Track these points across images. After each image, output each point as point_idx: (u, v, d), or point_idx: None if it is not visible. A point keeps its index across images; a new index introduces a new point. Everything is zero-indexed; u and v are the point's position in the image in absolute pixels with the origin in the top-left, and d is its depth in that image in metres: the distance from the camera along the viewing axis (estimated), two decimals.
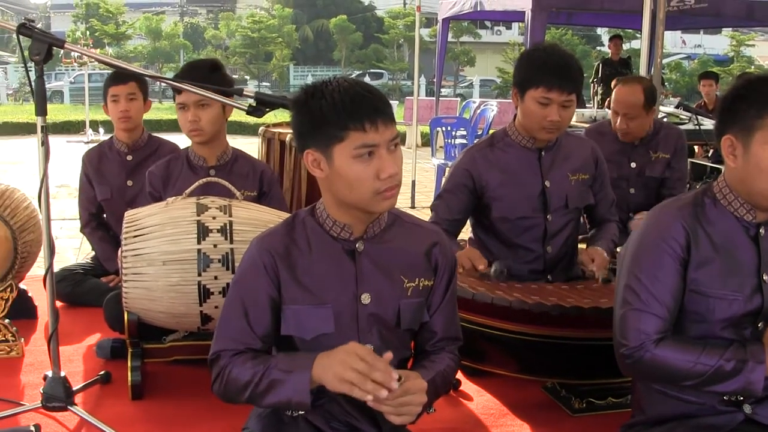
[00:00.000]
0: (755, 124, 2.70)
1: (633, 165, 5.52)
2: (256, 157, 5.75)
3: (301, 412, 2.59)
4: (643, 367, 2.82)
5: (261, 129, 6.60)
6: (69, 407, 3.65)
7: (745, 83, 2.82)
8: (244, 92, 3.48)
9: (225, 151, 4.51)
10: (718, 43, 57.46)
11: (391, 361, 2.37)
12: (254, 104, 3.41)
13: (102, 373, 4.25)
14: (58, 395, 3.63)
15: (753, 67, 42.96)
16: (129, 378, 4.03)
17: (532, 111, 4.03)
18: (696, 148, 10.15)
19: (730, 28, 41.99)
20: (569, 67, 3.99)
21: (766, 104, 2.69)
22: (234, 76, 45.51)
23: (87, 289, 5.46)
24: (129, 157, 5.61)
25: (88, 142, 16.64)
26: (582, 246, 4.53)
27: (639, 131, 5.47)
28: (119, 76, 5.45)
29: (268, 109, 3.41)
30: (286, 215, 3.67)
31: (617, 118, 5.42)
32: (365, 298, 2.60)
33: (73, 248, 7.81)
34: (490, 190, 4.21)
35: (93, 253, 5.86)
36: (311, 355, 2.43)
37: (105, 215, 5.69)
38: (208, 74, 4.19)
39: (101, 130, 18.32)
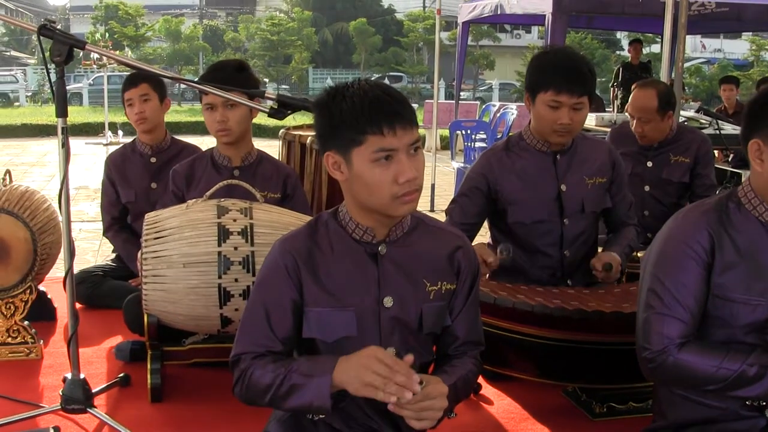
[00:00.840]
0: None
1: (649, 164, 5.49)
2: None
3: (322, 416, 2.57)
4: (666, 372, 2.82)
5: (281, 132, 6.59)
6: (88, 409, 3.64)
7: None
8: (266, 94, 3.47)
9: (250, 152, 4.51)
10: (737, 48, 57.35)
11: (412, 365, 2.35)
12: (276, 106, 3.39)
13: (121, 375, 4.24)
14: (78, 397, 3.63)
15: None
16: (148, 380, 4.03)
17: (543, 115, 4.03)
18: (716, 152, 10.10)
19: (750, 33, 41.85)
20: (578, 69, 3.98)
21: None
22: None
23: (106, 291, 5.45)
24: (153, 159, 5.60)
25: (107, 144, 16.73)
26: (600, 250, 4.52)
27: (655, 135, 5.43)
28: (131, 80, 5.47)
29: (289, 112, 3.40)
30: (307, 218, 3.66)
31: (633, 121, 5.40)
32: (387, 302, 2.59)
33: (92, 250, 7.83)
34: (505, 194, 4.20)
35: (113, 254, 5.87)
36: (332, 359, 2.42)
37: (128, 218, 5.67)
38: (234, 74, 4.20)
39: (120, 132, 18.39)
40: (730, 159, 9.18)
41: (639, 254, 4.48)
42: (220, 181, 4.08)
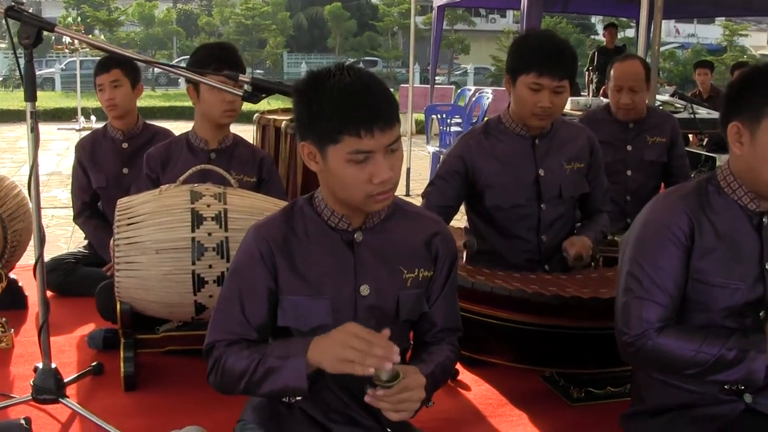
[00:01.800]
0: (763, 112, 2.70)
1: (629, 148, 5.48)
2: None
3: (297, 398, 2.52)
4: (645, 356, 2.82)
5: (256, 116, 6.56)
6: (60, 399, 3.58)
7: (753, 71, 2.82)
8: (240, 78, 3.42)
9: (227, 135, 4.50)
10: (711, 33, 57.72)
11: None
12: (250, 90, 3.35)
13: (94, 364, 4.19)
14: (49, 387, 3.57)
15: (746, 56, 43.08)
16: (122, 369, 3.98)
17: (524, 97, 4.00)
18: (691, 136, 10.13)
19: (724, 18, 42.06)
20: (561, 52, 3.97)
21: None
22: None
23: (78, 279, 5.39)
24: (125, 145, 5.53)
25: (79, 130, 16.60)
26: None
27: (641, 107, 5.44)
28: (102, 65, 5.41)
29: (264, 95, 3.35)
30: (282, 203, 3.62)
31: (619, 95, 5.35)
32: (364, 290, 2.56)
33: (65, 237, 7.77)
34: (483, 177, 4.18)
35: (85, 241, 5.80)
36: (306, 339, 2.38)
37: (100, 204, 5.61)
38: (234, 55, 4.27)
39: (93, 117, 18.26)
40: (704, 143, 9.20)
41: (617, 238, 4.47)
42: (196, 163, 4.06)
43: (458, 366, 4.20)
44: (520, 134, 4.18)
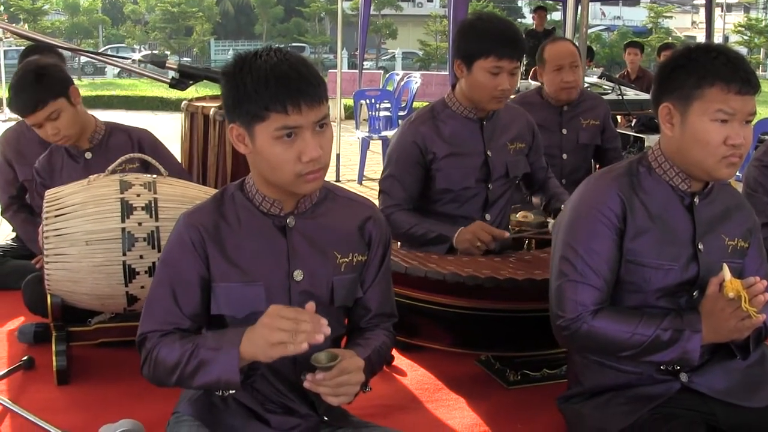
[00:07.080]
0: (693, 93, 2.72)
1: (564, 131, 5.49)
2: (180, 132, 5.68)
3: (232, 392, 2.48)
4: (581, 339, 2.83)
5: (184, 103, 6.49)
6: None
7: (684, 52, 2.83)
8: (167, 65, 3.39)
9: (95, 130, 4.47)
10: (636, 15, 58.55)
11: (325, 339, 2.31)
12: (177, 77, 3.31)
13: (25, 358, 4.13)
14: None
15: (670, 38, 43.66)
16: (54, 363, 3.93)
17: (482, 82, 4.02)
18: (619, 118, 10.22)
19: (648, 0, 42.57)
20: (515, 33, 4.03)
21: (705, 75, 2.71)
22: (154, 51, 45.09)
23: (7, 272, 5.29)
24: None
25: (5, 120, 16.31)
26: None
27: (580, 83, 5.49)
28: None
29: (191, 82, 3.33)
30: (212, 191, 3.59)
31: (562, 74, 5.33)
32: (297, 275, 2.54)
33: None
34: (436, 161, 4.20)
35: (14, 234, 5.71)
36: (239, 331, 2.36)
37: (27, 196, 5.51)
38: (34, 86, 4.18)
39: None
40: (633, 124, 9.30)
41: (550, 220, 4.50)
42: (78, 169, 4.18)
43: (393, 351, 4.20)
44: (468, 117, 4.21)
